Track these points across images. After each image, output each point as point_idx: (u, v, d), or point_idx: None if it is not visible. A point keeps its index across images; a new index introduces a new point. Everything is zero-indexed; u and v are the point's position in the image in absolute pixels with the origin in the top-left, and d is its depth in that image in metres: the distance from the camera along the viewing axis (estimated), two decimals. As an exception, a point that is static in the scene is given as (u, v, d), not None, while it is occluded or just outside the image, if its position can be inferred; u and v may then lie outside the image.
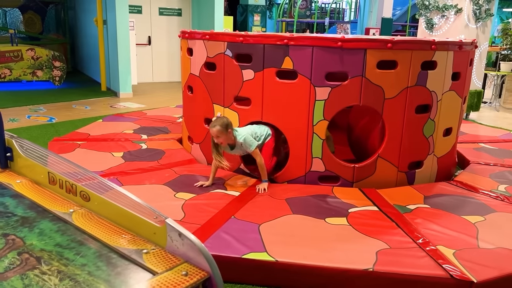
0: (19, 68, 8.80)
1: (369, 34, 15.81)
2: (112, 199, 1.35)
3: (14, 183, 1.62)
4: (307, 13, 24.20)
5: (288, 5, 23.34)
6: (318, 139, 3.43)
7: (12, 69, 8.72)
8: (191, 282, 1.05)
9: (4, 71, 8.65)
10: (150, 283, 1.03)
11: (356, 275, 2.32)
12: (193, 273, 1.08)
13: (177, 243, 1.15)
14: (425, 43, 3.39)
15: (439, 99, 3.60)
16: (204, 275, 1.08)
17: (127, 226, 1.29)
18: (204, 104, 3.92)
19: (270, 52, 3.38)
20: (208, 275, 1.08)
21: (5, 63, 8.63)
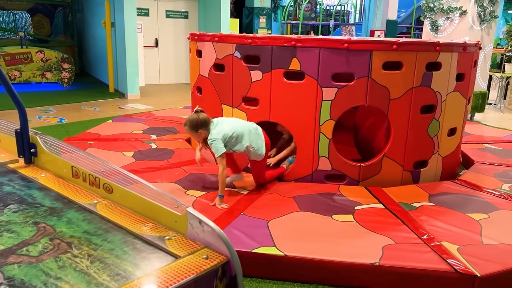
0: (28, 70, 8.94)
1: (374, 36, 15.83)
2: (134, 190, 1.44)
3: (39, 177, 1.71)
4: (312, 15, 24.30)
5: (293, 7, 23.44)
6: (324, 138, 3.51)
7: (22, 71, 8.86)
8: (212, 265, 1.13)
9: (14, 73, 8.79)
10: (174, 266, 1.12)
11: (363, 269, 2.39)
12: (213, 257, 1.16)
13: (197, 230, 1.23)
14: (430, 44, 3.46)
15: (444, 99, 3.66)
16: (223, 259, 1.16)
17: (149, 215, 1.37)
18: (213, 105, 4.01)
19: (278, 53, 3.47)
20: (227, 259, 1.16)
21: (15, 65, 8.77)
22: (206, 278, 1.12)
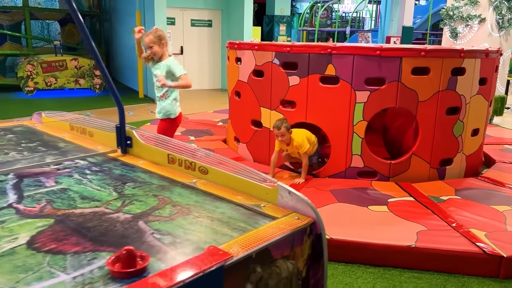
0: (63, 77, 9.43)
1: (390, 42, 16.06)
2: (226, 170, 1.78)
3: (138, 163, 2.06)
4: (328, 22, 24.68)
5: (309, 14, 23.85)
6: (357, 138, 3.83)
7: (57, 78, 9.36)
8: (303, 224, 1.46)
9: (50, 79, 9.29)
10: (275, 223, 1.45)
11: (400, 250, 2.70)
12: (302, 218, 1.49)
13: (286, 199, 1.57)
14: (455, 51, 3.77)
15: (468, 102, 3.96)
16: (310, 220, 1.49)
17: (242, 190, 1.71)
18: (251, 107, 4.36)
19: (314, 60, 3.81)
20: (313, 220, 1.49)
21: (51, 72, 9.27)
22: (299, 234, 1.45)
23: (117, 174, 1.93)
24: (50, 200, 1.59)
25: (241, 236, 1.35)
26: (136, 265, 1.13)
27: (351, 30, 21.00)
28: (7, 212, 1.47)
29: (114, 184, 1.80)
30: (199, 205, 1.60)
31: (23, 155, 2.14)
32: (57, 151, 2.23)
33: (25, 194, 1.63)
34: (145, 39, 3.46)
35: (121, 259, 1.12)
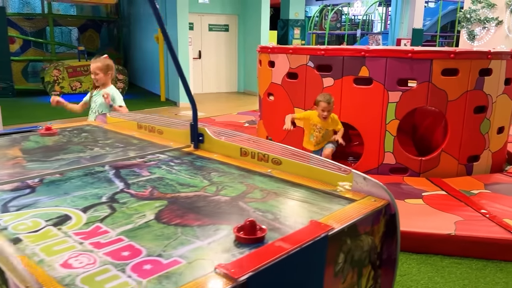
0: (88, 81, 9.72)
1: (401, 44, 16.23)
2: (299, 161, 2.00)
3: (213, 156, 2.29)
4: (337, 25, 24.90)
5: (318, 18, 24.10)
6: (390, 135, 4.04)
7: (82, 82, 9.65)
8: (379, 205, 1.68)
9: (76, 84, 9.58)
10: (356, 204, 1.67)
11: (441, 238, 2.91)
12: (379, 200, 1.71)
13: (361, 184, 1.79)
14: (483, 53, 3.98)
15: (494, 101, 4.16)
16: (385, 202, 1.71)
17: (316, 177, 1.93)
18: (285, 108, 4.59)
19: (348, 62, 4.04)
20: (388, 202, 1.71)
21: (76, 77, 9.57)
22: (377, 213, 1.67)
23: (198, 165, 2.17)
24: (154, 187, 1.83)
25: (331, 214, 1.57)
26: (257, 234, 1.35)
27: (361, 33, 21.21)
28: (124, 195, 1.71)
29: (200, 173, 2.03)
30: (282, 190, 1.83)
31: (107, 150, 2.39)
32: (134, 147, 2.47)
33: (129, 182, 1.87)
34: (93, 65, 3.60)
35: (245, 228, 1.35)
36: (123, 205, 1.63)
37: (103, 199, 1.68)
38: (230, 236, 1.38)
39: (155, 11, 2.22)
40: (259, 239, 1.34)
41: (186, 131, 2.56)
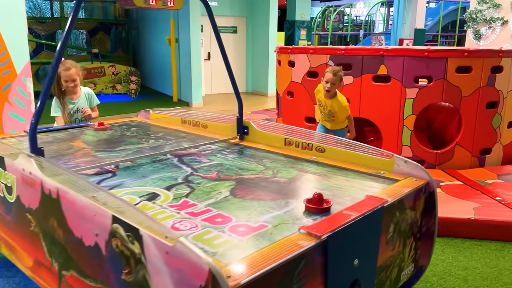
0: (102, 83, 9.96)
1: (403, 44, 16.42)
2: (343, 148, 2.23)
3: (259, 146, 2.53)
4: (340, 26, 25.16)
5: (321, 19, 24.36)
6: (407, 130, 4.27)
7: (96, 84, 9.89)
8: (421, 183, 1.92)
9: (90, 85, 9.78)
10: (401, 183, 1.90)
11: (462, 222, 3.14)
12: (419, 180, 1.95)
13: (402, 167, 2.02)
14: (494, 51, 4.21)
15: (505, 97, 4.39)
16: (425, 181, 1.94)
17: (360, 162, 2.16)
18: (305, 105, 4.82)
19: (367, 61, 4.27)
20: (427, 181, 1.95)
21: (90, 79, 9.81)
22: (418, 191, 1.90)
23: (249, 154, 2.41)
24: (218, 171, 2.07)
25: (382, 190, 1.82)
26: (323, 205, 1.59)
27: (364, 33, 21.46)
28: (195, 177, 1.96)
29: (253, 160, 2.27)
30: (331, 173, 2.07)
31: (161, 142, 2.63)
32: (185, 139, 2.72)
33: (195, 167, 2.12)
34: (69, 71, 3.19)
35: (313, 200, 1.59)
36: (198, 185, 1.87)
37: (179, 180, 1.92)
38: (300, 207, 1.62)
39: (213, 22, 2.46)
40: (326, 209, 1.58)
41: (229, 124, 2.80)
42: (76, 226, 1.52)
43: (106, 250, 1.40)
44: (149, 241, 1.22)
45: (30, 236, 1.84)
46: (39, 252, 1.80)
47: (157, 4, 2.00)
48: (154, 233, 1.20)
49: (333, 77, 3.57)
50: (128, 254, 1.30)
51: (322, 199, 1.60)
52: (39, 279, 1.86)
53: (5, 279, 2.52)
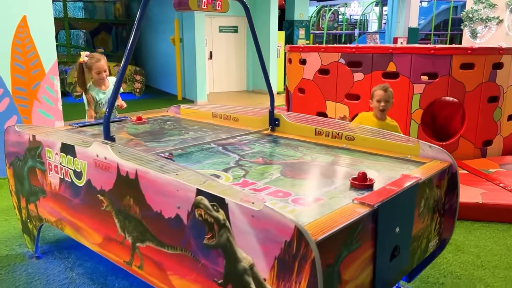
0: (107, 82, 10.13)
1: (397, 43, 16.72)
2: (373, 136, 2.48)
3: (291, 136, 2.77)
4: (334, 25, 25.47)
5: (316, 18, 24.65)
6: (415, 123, 4.54)
7: (102, 83, 10.05)
8: (445, 165, 2.17)
9: (96, 85, 9.98)
10: (427, 165, 2.15)
11: (471, 206, 3.40)
12: (443, 162, 2.20)
13: (427, 151, 2.28)
14: (495, 49, 4.50)
15: (505, 91, 4.68)
16: (448, 164, 2.20)
17: (388, 149, 2.41)
18: (317, 101, 5.07)
19: (377, 59, 4.53)
20: (450, 163, 2.20)
21: (96, 78, 9.97)
22: (442, 172, 2.16)
23: (283, 143, 2.65)
24: (262, 157, 2.31)
25: (413, 171, 2.06)
26: (367, 182, 1.83)
27: (359, 32, 21.80)
28: (245, 162, 2.20)
29: (290, 148, 2.52)
30: (364, 158, 2.32)
31: (200, 134, 2.86)
32: (220, 131, 2.95)
33: (241, 154, 2.35)
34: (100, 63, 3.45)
35: (358, 178, 1.84)
36: (250, 168, 2.11)
37: (231, 164, 2.16)
38: (345, 185, 1.87)
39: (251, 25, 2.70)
40: (369, 186, 1.83)
41: (259, 117, 3.04)
42: (155, 201, 1.75)
43: (188, 220, 1.63)
44: (234, 208, 1.45)
45: (100, 215, 2.06)
46: (110, 229, 2.02)
47: (208, 7, 2.23)
48: (240, 201, 1.44)
49: (384, 94, 3.26)
50: (212, 221, 1.54)
51: (366, 177, 1.85)
52: (108, 253, 2.09)
53: (59, 260, 2.74)
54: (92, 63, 3.44)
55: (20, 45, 4.13)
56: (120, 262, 2.03)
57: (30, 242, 2.77)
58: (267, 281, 1.41)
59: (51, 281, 2.50)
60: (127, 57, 2.04)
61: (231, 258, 1.51)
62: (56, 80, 4.41)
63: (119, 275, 2.56)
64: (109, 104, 2.02)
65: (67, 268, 2.64)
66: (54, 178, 2.35)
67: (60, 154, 2.25)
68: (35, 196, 2.57)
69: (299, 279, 1.33)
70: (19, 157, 2.62)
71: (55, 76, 4.41)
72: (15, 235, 3.11)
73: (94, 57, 3.49)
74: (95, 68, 3.44)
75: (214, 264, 1.57)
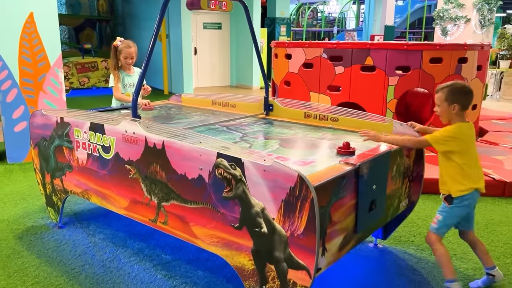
0: (95, 77, 10.37)
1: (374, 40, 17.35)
2: (353, 117, 2.93)
3: (283, 119, 3.19)
4: (313, 22, 26.05)
5: (295, 15, 25.17)
6: (390, 112, 5.04)
7: (89, 78, 10.29)
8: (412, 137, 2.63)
9: (83, 79, 10.21)
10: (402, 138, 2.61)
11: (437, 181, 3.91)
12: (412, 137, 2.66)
13: (399, 128, 2.74)
14: (460, 45, 5.03)
15: (469, 83, 5.22)
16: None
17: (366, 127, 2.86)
18: (301, 93, 5.52)
19: (356, 54, 5.00)
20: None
21: (84, 73, 10.20)
22: (411, 145, 2.62)
23: (278, 124, 3.08)
24: (262, 134, 2.73)
25: (387, 142, 2.50)
26: (350, 149, 2.28)
27: (337, 30, 22.42)
28: (248, 138, 2.62)
29: (284, 127, 2.94)
30: (347, 134, 2.78)
31: (203, 118, 3.25)
32: (221, 115, 3.36)
33: (243, 132, 2.77)
34: (130, 49, 3.76)
35: (343, 146, 2.28)
36: (253, 142, 2.53)
37: (237, 139, 2.58)
38: (333, 152, 2.31)
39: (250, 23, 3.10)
40: (352, 152, 2.27)
41: (255, 103, 3.46)
42: (180, 166, 2.15)
43: (209, 178, 2.03)
44: (249, 165, 1.87)
45: (127, 182, 2.45)
46: (136, 193, 2.41)
47: (216, 7, 2.63)
48: (254, 159, 1.86)
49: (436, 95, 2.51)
50: (230, 178, 1.95)
51: (349, 146, 2.29)
52: (134, 214, 2.47)
53: (81, 229, 3.11)
54: (122, 48, 3.71)
55: (27, 39, 4.43)
56: (145, 221, 2.42)
57: (54, 213, 3.12)
58: (275, 219, 1.84)
59: (77, 245, 2.86)
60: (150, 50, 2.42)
61: (246, 205, 1.92)
62: (60, 73, 4.72)
63: (136, 239, 2.94)
64: (136, 89, 2.41)
65: (89, 234, 3.01)
66: (81, 154, 2.72)
67: (89, 132, 2.62)
68: (61, 172, 2.92)
69: (300, 215, 1.76)
70: (45, 137, 2.97)
71: (59, 69, 4.72)
72: (35, 210, 3.45)
73: (126, 43, 3.77)
74: (124, 53, 3.72)
75: (232, 212, 1.98)
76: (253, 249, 1.93)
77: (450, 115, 2.47)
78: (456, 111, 2.44)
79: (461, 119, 2.47)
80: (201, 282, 2.44)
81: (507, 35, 10.02)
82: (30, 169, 4.46)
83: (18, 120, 4.58)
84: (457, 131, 2.41)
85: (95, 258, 2.71)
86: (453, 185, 2.42)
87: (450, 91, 2.43)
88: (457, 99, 2.42)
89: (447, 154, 2.44)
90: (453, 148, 2.41)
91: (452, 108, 2.43)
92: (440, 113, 2.53)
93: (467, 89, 2.48)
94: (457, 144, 2.41)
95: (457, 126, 2.43)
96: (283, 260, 1.85)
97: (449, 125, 2.49)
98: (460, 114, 2.46)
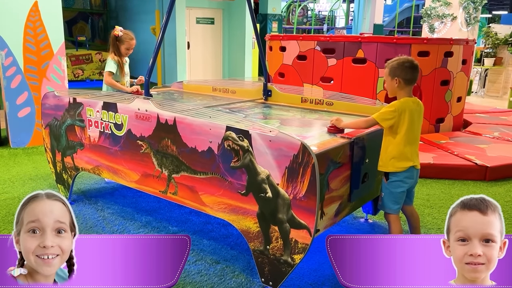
0: (89, 69, 10.45)
1: (365, 38, 17.45)
2: (346, 101, 3.15)
3: (281, 104, 3.40)
4: (304, 20, 26.30)
5: (286, 13, 25.38)
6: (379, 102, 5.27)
7: (84, 70, 10.37)
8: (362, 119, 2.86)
9: (78, 71, 10.29)
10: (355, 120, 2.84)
11: (424, 166, 4.14)
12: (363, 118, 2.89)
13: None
14: (446, 40, 5.30)
15: (454, 76, 5.50)
16: (404, 120, 2.89)
17: (358, 111, 3.08)
18: (295, 84, 5.73)
19: (348, 46, 5.23)
20: (405, 119, 2.90)
21: (78, 65, 10.28)
22: (400, 126, 2.85)
23: (276, 107, 3.29)
24: (263, 116, 2.93)
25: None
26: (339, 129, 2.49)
27: (327, 28, 22.70)
28: (251, 118, 2.81)
29: (283, 110, 3.16)
30: (341, 116, 2.98)
31: (206, 102, 3.45)
32: (223, 100, 3.55)
33: (245, 114, 2.97)
34: (133, 41, 3.98)
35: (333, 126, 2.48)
36: (256, 121, 2.73)
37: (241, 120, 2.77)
38: (324, 130, 2.52)
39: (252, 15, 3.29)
40: (341, 131, 2.48)
41: (254, 89, 3.67)
42: (191, 140, 2.35)
43: (218, 150, 2.24)
44: (256, 136, 2.08)
45: (139, 157, 2.63)
46: (147, 166, 2.60)
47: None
48: (260, 131, 2.06)
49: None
50: (238, 149, 2.15)
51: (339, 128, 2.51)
52: (145, 187, 2.66)
53: (90, 205, 3.28)
54: (126, 39, 3.85)
55: (32, 27, 4.57)
56: (156, 192, 2.61)
57: (64, 190, 3.29)
58: (279, 185, 2.05)
59: (88, 219, 3.04)
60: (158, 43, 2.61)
61: (252, 173, 2.13)
62: (63, 60, 4.86)
63: (143, 214, 3.13)
64: (149, 69, 2.60)
65: (98, 209, 3.19)
66: (93, 132, 2.89)
67: (102, 111, 2.79)
68: (72, 150, 3.09)
69: (302, 179, 1.97)
70: (57, 117, 3.13)
71: (62, 57, 4.86)
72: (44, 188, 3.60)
73: (129, 34, 3.92)
74: (127, 44, 3.85)
75: (239, 180, 2.19)
76: (258, 212, 2.14)
77: (394, 89, 2.49)
78: (400, 85, 2.44)
79: (406, 94, 2.47)
80: (207, 249, 2.65)
81: (491, 34, 10.37)
82: (33, 153, 4.60)
83: (22, 106, 4.71)
84: (400, 105, 2.42)
85: (106, 230, 2.89)
86: (389, 162, 2.44)
87: (393, 66, 2.45)
88: (399, 73, 2.42)
89: (391, 130, 2.44)
90: (397, 122, 2.41)
91: (395, 82, 2.44)
92: (386, 87, 2.57)
93: (409, 64, 2.44)
94: (402, 118, 2.40)
95: (402, 101, 2.45)
96: (286, 221, 2.06)
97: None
98: (405, 88, 2.46)
